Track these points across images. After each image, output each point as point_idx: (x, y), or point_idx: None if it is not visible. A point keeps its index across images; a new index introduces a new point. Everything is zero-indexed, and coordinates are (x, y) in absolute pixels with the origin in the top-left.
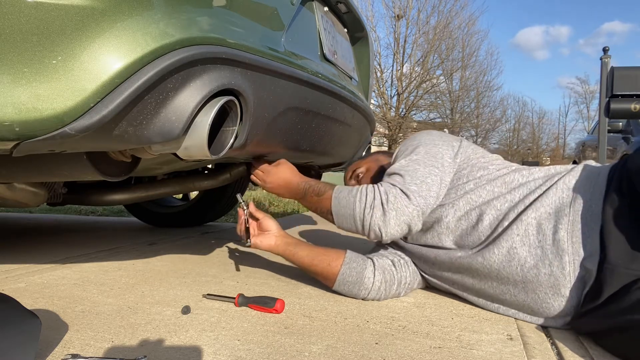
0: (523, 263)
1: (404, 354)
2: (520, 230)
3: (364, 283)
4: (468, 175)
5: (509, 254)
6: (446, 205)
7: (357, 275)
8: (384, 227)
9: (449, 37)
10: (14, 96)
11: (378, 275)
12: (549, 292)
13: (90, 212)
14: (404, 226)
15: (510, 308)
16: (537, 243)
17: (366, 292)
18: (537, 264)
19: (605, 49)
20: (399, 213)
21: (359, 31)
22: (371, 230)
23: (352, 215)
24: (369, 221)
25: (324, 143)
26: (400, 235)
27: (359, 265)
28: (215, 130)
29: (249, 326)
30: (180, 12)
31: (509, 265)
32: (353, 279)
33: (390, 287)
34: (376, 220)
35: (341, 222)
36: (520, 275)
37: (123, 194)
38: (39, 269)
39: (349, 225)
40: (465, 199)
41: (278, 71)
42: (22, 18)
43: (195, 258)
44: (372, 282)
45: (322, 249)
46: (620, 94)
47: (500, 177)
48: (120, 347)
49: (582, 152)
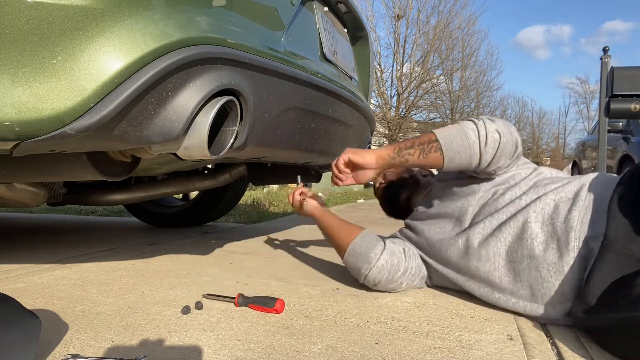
0: (534, 237)
1: (404, 354)
2: (537, 208)
3: (369, 257)
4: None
5: (523, 227)
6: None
7: (365, 249)
8: (500, 131)
9: (449, 37)
10: (14, 96)
11: (385, 255)
12: (551, 269)
13: (90, 212)
14: (514, 135)
15: (511, 297)
16: (550, 220)
17: (368, 267)
18: (547, 239)
19: (605, 49)
20: (506, 125)
21: (359, 31)
22: (489, 138)
23: (468, 142)
24: (484, 131)
25: (324, 143)
26: (513, 149)
27: (371, 241)
28: (215, 130)
29: (249, 326)
30: (180, 12)
31: (521, 238)
32: (361, 251)
33: (395, 272)
34: (491, 128)
35: (454, 157)
36: (529, 249)
37: (123, 194)
38: (39, 269)
39: (465, 156)
40: (495, 178)
41: (278, 71)
42: (22, 18)
43: (195, 258)
44: (377, 258)
45: (346, 223)
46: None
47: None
48: (120, 347)
49: (582, 152)
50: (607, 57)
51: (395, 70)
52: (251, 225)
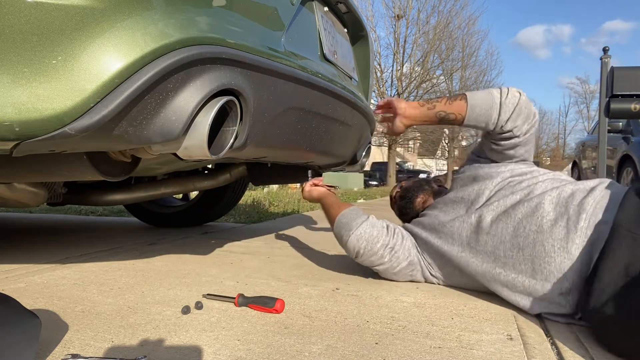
0: (545, 215)
1: (404, 354)
2: (553, 194)
3: (350, 225)
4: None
5: (536, 208)
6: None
7: (349, 219)
8: (521, 92)
9: (449, 37)
10: (14, 96)
11: (365, 225)
12: (556, 245)
13: (90, 212)
14: (533, 106)
15: (511, 272)
16: (564, 203)
17: (348, 235)
18: (557, 218)
19: (605, 49)
20: (527, 97)
21: (358, 31)
22: (510, 94)
23: (490, 96)
24: (506, 89)
25: (324, 143)
26: (530, 113)
27: (357, 213)
28: (215, 130)
29: (249, 326)
30: (179, 12)
31: (532, 216)
32: (345, 221)
33: (374, 243)
34: (512, 89)
35: (475, 105)
36: (537, 225)
37: (123, 194)
38: (39, 269)
39: (486, 107)
40: (515, 170)
41: (278, 71)
42: (22, 18)
43: (195, 258)
44: (357, 227)
45: (343, 203)
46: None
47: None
48: (120, 347)
49: (582, 152)
50: (607, 57)
51: (395, 70)
52: (251, 225)
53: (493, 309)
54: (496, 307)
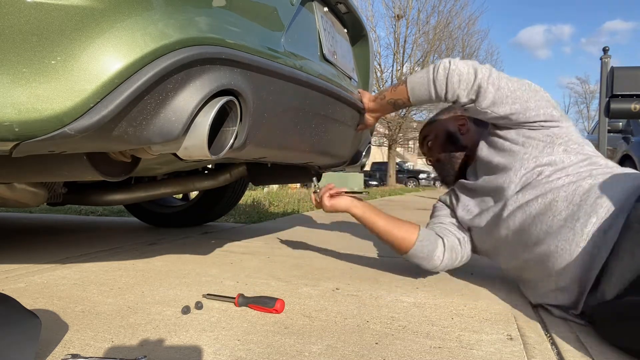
0: (557, 214)
1: (404, 354)
2: (569, 190)
3: (432, 260)
4: (553, 141)
5: (550, 205)
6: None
7: (428, 253)
8: (452, 61)
9: (449, 37)
10: (14, 96)
11: (447, 254)
12: (559, 246)
13: (90, 212)
14: (473, 66)
15: (523, 265)
16: (577, 201)
17: (433, 267)
18: (567, 218)
19: (605, 49)
20: (468, 60)
21: (358, 31)
22: (440, 66)
23: (425, 74)
24: (437, 66)
25: (324, 143)
26: (467, 76)
27: (431, 244)
28: (215, 131)
29: (249, 326)
30: (179, 12)
31: (545, 214)
32: (424, 255)
33: (453, 262)
34: (444, 60)
35: (414, 87)
36: (548, 225)
37: (123, 194)
38: (39, 269)
39: (424, 85)
40: (540, 158)
41: (278, 71)
42: (22, 18)
43: (195, 258)
44: (441, 260)
45: (397, 221)
46: (620, 94)
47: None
48: (120, 347)
49: None
50: (607, 57)
51: (395, 70)
52: (251, 225)
53: (493, 309)
54: (496, 307)
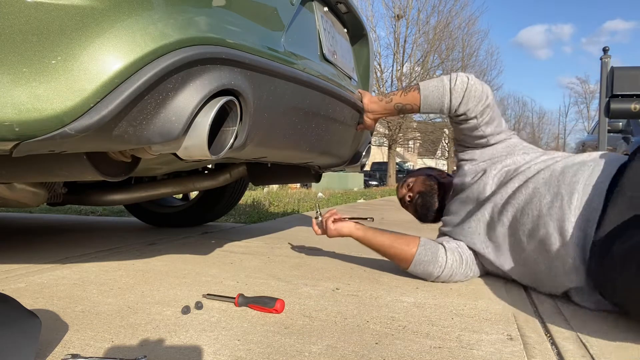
0: (542, 198)
1: (404, 354)
2: (546, 175)
3: (438, 261)
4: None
5: (533, 193)
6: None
7: (432, 255)
8: (469, 76)
9: (449, 37)
10: (14, 96)
11: (450, 255)
12: (555, 224)
13: (90, 212)
14: (484, 86)
15: (527, 255)
16: (555, 182)
17: (440, 269)
18: (553, 199)
19: (605, 49)
20: (479, 80)
21: (358, 31)
22: (458, 79)
23: (441, 83)
24: (455, 75)
25: (324, 143)
26: (481, 95)
27: (433, 247)
28: (215, 131)
29: (249, 326)
30: (179, 12)
31: (531, 202)
32: (428, 259)
33: (459, 265)
34: (461, 74)
35: (428, 95)
36: (537, 210)
37: (123, 194)
38: (39, 269)
39: (437, 94)
40: (504, 162)
41: (278, 71)
42: (22, 18)
43: (195, 258)
44: (445, 260)
45: (398, 235)
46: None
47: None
48: (120, 347)
49: (582, 152)
50: (607, 57)
51: (395, 70)
52: (251, 225)
53: (493, 309)
54: (496, 307)
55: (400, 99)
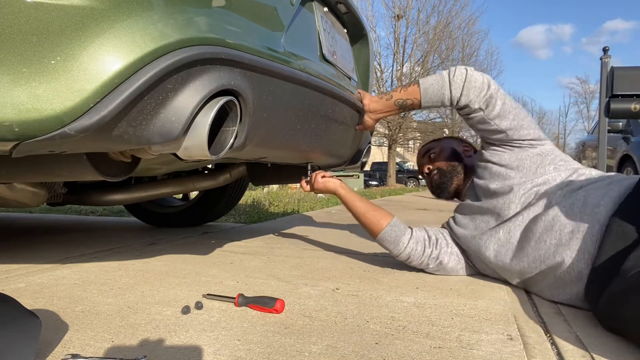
0: (562, 228)
1: (404, 354)
2: (567, 204)
3: (398, 245)
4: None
5: (554, 221)
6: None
7: (395, 238)
8: (468, 68)
9: (449, 37)
10: (13, 96)
11: (412, 244)
12: (574, 256)
13: (90, 212)
14: (485, 76)
15: (536, 278)
16: (577, 213)
17: (399, 251)
18: (574, 230)
19: (605, 49)
20: (480, 72)
21: (358, 31)
22: (457, 72)
23: (440, 77)
24: (453, 68)
25: (324, 143)
26: (481, 85)
27: (400, 230)
28: (215, 131)
29: (249, 326)
30: (179, 12)
31: (551, 230)
32: (391, 239)
33: (420, 256)
34: (460, 67)
35: (428, 87)
36: (557, 239)
37: (123, 194)
38: (39, 269)
39: (437, 87)
40: (535, 179)
41: (277, 72)
42: (21, 18)
43: (195, 258)
44: (405, 246)
45: (375, 206)
46: (620, 94)
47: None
48: (120, 347)
49: (582, 152)
50: (607, 57)
51: (395, 70)
52: (251, 225)
53: (493, 309)
54: (496, 307)
55: (400, 94)
